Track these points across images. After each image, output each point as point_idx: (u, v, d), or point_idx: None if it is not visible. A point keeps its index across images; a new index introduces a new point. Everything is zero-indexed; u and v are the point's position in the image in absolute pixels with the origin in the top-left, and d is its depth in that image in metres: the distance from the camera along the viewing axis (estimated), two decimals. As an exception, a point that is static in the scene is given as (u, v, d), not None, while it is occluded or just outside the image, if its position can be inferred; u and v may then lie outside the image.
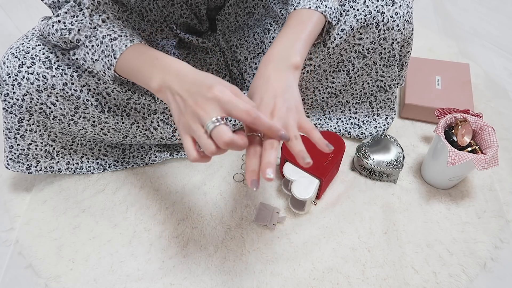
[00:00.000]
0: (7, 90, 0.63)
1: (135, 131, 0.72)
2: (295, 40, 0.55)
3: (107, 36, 0.56)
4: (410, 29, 0.67)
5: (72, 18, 0.57)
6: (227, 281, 0.65)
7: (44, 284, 0.66)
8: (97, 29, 0.57)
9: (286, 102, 0.50)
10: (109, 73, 0.57)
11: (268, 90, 0.51)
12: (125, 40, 0.56)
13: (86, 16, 0.57)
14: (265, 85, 0.52)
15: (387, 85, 0.76)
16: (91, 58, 0.58)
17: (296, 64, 0.53)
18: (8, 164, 0.71)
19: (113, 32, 0.57)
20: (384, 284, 0.63)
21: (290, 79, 0.52)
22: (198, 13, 0.81)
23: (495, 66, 1.02)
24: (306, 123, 0.51)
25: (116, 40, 0.56)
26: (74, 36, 0.57)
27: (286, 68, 0.53)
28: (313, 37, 0.57)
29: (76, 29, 0.57)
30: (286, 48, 0.54)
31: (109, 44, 0.56)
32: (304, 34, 0.56)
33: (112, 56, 0.55)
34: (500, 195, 0.74)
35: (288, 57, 0.53)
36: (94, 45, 0.57)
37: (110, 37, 0.56)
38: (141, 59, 0.54)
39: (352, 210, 0.72)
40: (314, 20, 0.57)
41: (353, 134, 0.82)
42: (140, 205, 0.75)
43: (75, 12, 0.57)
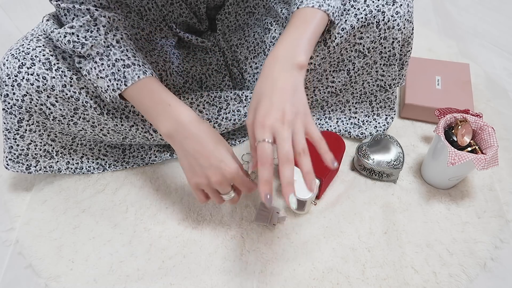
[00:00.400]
0: (7, 91, 0.63)
1: (134, 133, 0.72)
2: (300, 39, 0.54)
3: (120, 60, 0.58)
4: (410, 28, 0.67)
5: (86, 32, 0.57)
6: (227, 281, 0.65)
7: (44, 284, 0.66)
8: (111, 49, 0.58)
9: (294, 107, 0.50)
10: (112, 94, 0.59)
11: (277, 93, 0.50)
12: (138, 70, 0.58)
13: (101, 34, 0.58)
14: (273, 88, 0.51)
15: (387, 84, 0.76)
16: (96, 74, 0.59)
17: (301, 64, 0.53)
18: (7, 165, 0.71)
19: (127, 58, 0.58)
20: (384, 284, 0.63)
21: (297, 80, 0.52)
22: (198, 12, 0.81)
23: (495, 66, 1.02)
24: (314, 131, 0.51)
25: (129, 68, 0.58)
26: (86, 50, 0.58)
27: (292, 68, 0.52)
28: (317, 36, 0.57)
29: (89, 45, 0.57)
30: (291, 48, 0.54)
31: (122, 69, 0.58)
32: (308, 33, 0.55)
33: (123, 83, 0.58)
34: (500, 195, 0.74)
35: (294, 57, 0.53)
36: (105, 64, 0.58)
37: (123, 63, 0.58)
38: (154, 99, 0.58)
39: (352, 210, 0.72)
40: (317, 18, 0.57)
41: (353, 134, 0.82)
42: (140, 205, 0.75)
43: (90, 27, 0.57)
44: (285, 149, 0.48)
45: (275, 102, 0.50)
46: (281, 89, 0.51)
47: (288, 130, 0.49)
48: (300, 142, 0.49)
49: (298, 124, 0.50)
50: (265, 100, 0.51)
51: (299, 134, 0.50)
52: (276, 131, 0.49)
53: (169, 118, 0.57)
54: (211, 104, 0.75)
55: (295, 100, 0.51)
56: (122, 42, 0.59)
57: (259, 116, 0.50)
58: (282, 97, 0.50)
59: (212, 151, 0.57)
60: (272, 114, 0.49)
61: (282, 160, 0.48)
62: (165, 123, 0.57)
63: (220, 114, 0.76)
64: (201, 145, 0.57)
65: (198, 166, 0.58)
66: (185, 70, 0.79)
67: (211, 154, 0.57)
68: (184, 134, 0.57)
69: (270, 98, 0.50)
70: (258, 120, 0.49)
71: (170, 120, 0.57)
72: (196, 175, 0.58)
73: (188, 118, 0.57)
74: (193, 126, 0.57)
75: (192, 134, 0.57)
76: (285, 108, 0.49)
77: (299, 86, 0.52)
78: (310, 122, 0.51)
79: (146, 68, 0.59)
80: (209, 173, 0.57)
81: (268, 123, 0.49)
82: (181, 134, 0.57)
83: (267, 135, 0.49)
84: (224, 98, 0.76)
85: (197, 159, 0.57)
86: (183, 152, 0.58)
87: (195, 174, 0.58)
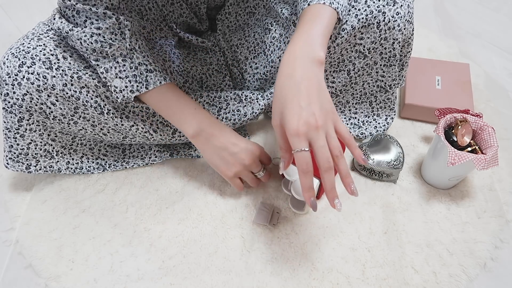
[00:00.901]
0: (7, 90, 0.63)
1: (134, 132, 0.72)
2: (315, 35, 0.54)
3: (143, 64, 0.62)
4: (410, 29, 0.67)
5: (111, 34, 0.59)
6: (227, 281, 0.65)
7: (44, 284, 0.66)
8: (134, 53, 0.61)
9: (323, 108, 0.50)
10: (128, 95, 0.62)
11: (304, 96, 0.50)
12: (159, 76, 0.63)
13: (127, 37, 0.60)
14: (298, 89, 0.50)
15: (387, 85, 0.76)
16: (116, 74, 0.61)
17: (320, 59, 0.52)
18: (7, 164, 0.71)
19: (149, 63, 0.63)
20: (384, 284, 0.63)
21: (319, 76, 0.52)
22: (198, 12, 0.81)
23: (495, 66, 1.02)
24: (343, 127, 0.52)
25: (152, 73, 0.62)
26: (112, 50, 0.60)
27: (312, 64, 0.52)
28: (329, 32, 0.57)
29: (116, 46, 0.59)
30: (308, 43, 0.53)
31: (144, 73, 0.62)
32: (322, 28, 0.55)
33: (144, 86, 0.62)
34: (500, 195, 0.74)
35: (312, 52, 0.52)
36: (127, 66, 0.61)
37: (146, 67, 0.62)
38: (180, 103, 0.64)
39: (352, 210, 0.72)
40: (328, 15, 0.56)
41: (353, 134, 0.82)
42: (140, 205, 0.75)
43: (114, 30, 0.59)
44: (325, 156, 0.49)
45: (304, 106, 0.49)
46: (307, 90, 0.50)
47: (323, 136, 0.49)
48: (336, 147, 0.51)
49: (330, 125, 0.51)
50: (292, 104, 0.50)
51: (334, 138, 0.51)
52: (312, 139, 0.49)
53: (196, 119, 0.65)
54: (211, 104, 0.75)
55: (321, 100, 0.51)
56: (142, 47, 0.63)
57: (291, 124, 0.49)
58: (309, 99, 0.50)
59: (237, 138, 0.67)
60: (304, 121, 0.49)
61: (324, 168, 0.50)
62: (191, 124, 0.64)
63: (220, 114, 0.76)
64: (227, 137, 0.66)
65: (230, 155, 0.66)
66: (185, 70, 0.79)
67: (238, 141, 0.66)
68: (210, 132, 0.65)
69: (298, 102, 0.50)
70: (291, 129, 0.49)
71: (196, 121, 0.65)
72: (231, 165, 0.67)
73: (211, 119, 0.66)
74: (216, 124, 0.66)
75: (217, 130, 0.66)
76: (315, 111, 0.49)
77: (321, 82, 0.52)
78: (338, 120, 0.52)
79: (165, 74, 0.64)
80: (242, 156, 0.66)
81: (302, 131, 0.49)
82: (207, 132, 0.65)
83: (303, 144, 0.49)
84: (224, 98, 0.76)
85: (228, 149, 0.65)
86: (212, 149, 0.66)
87: (230, 164, 0.67)
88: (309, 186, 0.51)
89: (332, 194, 0.51)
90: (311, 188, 0.51)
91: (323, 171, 0.50)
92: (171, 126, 0.74)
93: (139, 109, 0.70)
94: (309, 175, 0.50)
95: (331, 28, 0.57)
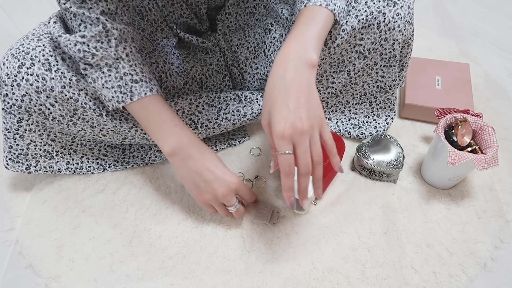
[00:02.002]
0: (6, 91, 0.63)
1: (133, 134, 0.72)
2: (310, 37, 0.54)
3: (128, 74, 0.60)
4: (411, 30, 0.67)
5: (97, 43, 0.58)
6: (227, 281, 0.65)
7: (44, 284, 0.66)
8: (120, 62, 0.59)
9: (311, 112, 0.51)
10: (115, 105, 0.61)
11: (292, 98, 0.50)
12: (145, 86, 0.60)
13: (112, 46, 0.59)
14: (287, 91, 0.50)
15: (387, 85, 0.76)
16: (102, 84, 0.60)
17: (313, 63, 0.53)
18: (7, 164, 0.71)
19: (135, 73, 0.60)
20: (384, 284, 0.63)
21: (310, 80, 0.52)
22: (198, 12, 0.81)
23: (495, 66, 1.02)
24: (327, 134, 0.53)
25: (137, 84, 0.60)
26: (96, 61, 0.59)
27: (304, 67, 0.52)
28: (325, 34, 0.57)
29: (99, 56, 0.58)
30: (302, 45, 0.53)
31: (129, 84, 0.60)
32: (318, 30, 0.55)
33: (128, 97, 0.60)
34: (500, 195, 0.74)
35: (305, 55, 0.52)
36: (113, 76, 0.59)
37: (131, 77, 0.60)
38: (160, 118, 0.61)
39: (352, 210, 0.72)
40: (324, 17, 0.56)
41: (353, 134, 0.82)
42: (140, 205, 0.75)
43: (101, 38, 0.58)
44: (305, 161, 0.51)
45: (292, 109, 0.50)
46: (297, 93, 0.50)
47: (306, 141, 0.50)
48: (317, 153, 0.52)
49: (315, 131, 0.51)
50: (281, 106, 0.50)
51: (317, 144, 0.52)
52: (296, 143, 0.50)
53: (174, 137, 0.61)
54: (211, 105, 0.75)
55: (310, 103, 0.51)
56: (131, 55, 0.61)
57: (277, 126, 0.50)
58: (298, 102, 0.50)
59: (215, 165, 0.62)
60: (290, 124, 0.49)
61: (303, 172, 0.52)
62: (169, 141, 0.61)
63: (219, 114, 0.76)
64: (205, 162, 0.62)
65: (204, 182, 0.62)
66: (185, 71, 0.79)
67: (214, 168, 0.62)
68: (188, 153, 0.61)
69: (287, 104, 0.50)
70: (277, 131, 0.50)
71: (175, 139, 0.61)
72: (203, 192, 0.63)
73: (192, 139, 0.62)
74: (196, 146, 0.62)
75: (195, 152, 0.62)
76: (302, 115, 0.50)
77: (312, 86, 0.52)
78: (324, 125, 0.53)
79: (152, 85, 0.61)
80: (215, 186, 0.62)
81: (287, 134, 0.49)
82: (185, 152, 0.61)
83: (288, 146, 0.50)
84: (223, 99, 0.76)
85: (202, 175, 0.62)
86: (186, 171, 0.62)
87: (201, 191, 0.63)
88: (290, 187, 0.53)
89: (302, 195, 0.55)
90: (291, 188, 0.53)
91: (300, 174, 0.52)
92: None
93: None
94: (291, 177, 0.52)
95: (327, 30, 0.57)
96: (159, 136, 0.61)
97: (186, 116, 0.74)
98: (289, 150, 0.50)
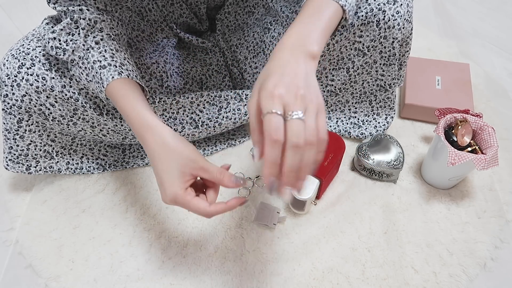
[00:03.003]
0: (6, 91, 0.63)
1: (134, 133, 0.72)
2: (312, 29, 0.49)
3: (97, 62, 0.57)
4: (409, 28, 0.67)
5: (67, 36, 0.57)
6: (227, 281, 0.65)
7: (44, 284, 0.66)
8: (89, 52, 0.57)
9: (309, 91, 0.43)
10: (102, 96, 0.58)
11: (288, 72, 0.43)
12: (113, 70, 0.56)
13: (81, 36, 0.57)
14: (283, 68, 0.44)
15: (387, 84, 0.76)
16: (85, 78, 0.59)
17: (314, 53, 0.47)
18: (7, 165, 0.71)
19: (104, 59, 0.57)
20: (384, 284, 0.63)
21: (308, 67, 0.46)
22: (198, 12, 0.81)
23: (495, 66, 1.02)
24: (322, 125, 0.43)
25: (105, 69, 0.56)
26: (68, 56, 0.57)
27: (303, 56, 0.46)
28: (331, 29, 0.51)
29: (70, 50, 0.57)
30: (302, 36, 0.48)
31: (98, 71, 0.56)
32: (322, 23, 0.50)
33: (101, 85, 0.56)
34: (500, 195, 0.74)
35: (305, 45, 0.47)
36: (87, 67, 0.57)
37: (100, 64, 0.56)
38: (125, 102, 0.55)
39: (352, 210, 0.72)
40: (332, 10, 0.51)
41: (353, 134, 0.82)
42: (140, 205, 0.75)
43: (71, 29, 0.57)
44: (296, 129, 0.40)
45: (286, 76, 0.43)
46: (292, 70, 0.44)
47: (300, 107, 0.41)
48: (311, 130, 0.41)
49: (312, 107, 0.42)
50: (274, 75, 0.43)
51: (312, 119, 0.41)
52: (287, 106, 0.41)
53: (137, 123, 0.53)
54: (211, 104, 0.75)
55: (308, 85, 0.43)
56: (102, 43, 0.58)
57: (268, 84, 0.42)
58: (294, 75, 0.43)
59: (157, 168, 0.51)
60: (284, 84, 0.42)
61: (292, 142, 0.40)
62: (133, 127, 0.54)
63: (220, 113, 0.76)
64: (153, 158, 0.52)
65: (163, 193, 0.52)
66: (186, 71, 0.79)
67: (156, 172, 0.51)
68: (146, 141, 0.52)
69: (281, 74, 0.43)
70: (267, 89, 0.42)
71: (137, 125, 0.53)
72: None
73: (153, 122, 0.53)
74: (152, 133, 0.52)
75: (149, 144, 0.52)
76: (299, 83, 0.42)
77: (310, 74, 0.45)
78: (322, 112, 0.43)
79: (123, 69, 0.57)
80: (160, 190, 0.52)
81: (277, 93, 0.41)
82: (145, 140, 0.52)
83: (277, 106, 0.40)
84: (224, 97, 0.76)
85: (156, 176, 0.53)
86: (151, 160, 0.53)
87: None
88: (274, 159, 0.41)
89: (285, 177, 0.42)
90: (275, 163, 0.41)
91: (289, 146, 0.40)
92: (171, 126, 0.74)
93: None
94: (277, 145, 0.40)
95: (333, 25, 0.52)
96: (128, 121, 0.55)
97: (187, 115, 0.74)
98: (278, 110, 0.40)
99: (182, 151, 0.50)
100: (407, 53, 0.71)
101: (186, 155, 0.50)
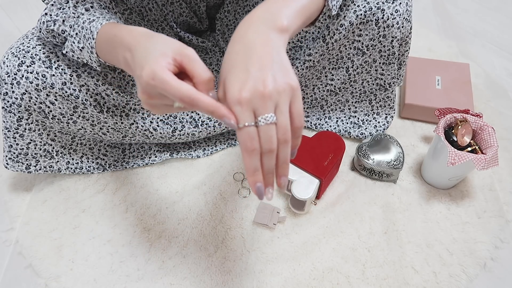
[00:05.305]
0: (6, 89, 0.63)
1: (134, 131, 0.72)
2: (283, 6, 0.45)
3: (87, 20, 0.55)
4: (408, 27, 0.67)
5: (58, 10, 0.57)
6: (227, 281, 0.65)
7: (44, 284, 0.66)
8: (80, 18, 0.56)
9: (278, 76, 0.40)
10: (94, 58, 0.55)
11: (254, 60, 0.41)
12: (102, 19, 0.53)
13: (71, 6, 0.57)
14: (248, 52, 0.41)
15: (386, 83, 0.76)
16: (77, 47, 0.56)
17: (281, 27, 0.43)
18: (7, 164, 0.71)
19: (93, 16, 0.55)
20: (384, 284, 0.63)
21: (277, 43, 0.42)
22: (198, 10, 0.81)
23: (495, 66, 1.02)
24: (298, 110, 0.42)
25: (94, 22, 0.53)
26: (59, 26, 0.57)
27: (269, 30, 0.43)
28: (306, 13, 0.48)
29: (60, 20, 0.57)
30: (272, 10, 0.45)
31: (88, 26, 0.53)
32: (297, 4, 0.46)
33: (91, 37, 0.52)
34: (500, 195, 0.74)
35: (273, 20, 0.44)
36: (78, 32, 0.55)
37: (89, 20, 0.54)
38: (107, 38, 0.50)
39: (352, 210, 0.72)
40: None
41: (353, 134, 0.82)
42: (140, 205, 0.75)
43: (61, 4, 0.57)
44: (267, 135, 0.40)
45: (252, 72, 0.40)
46: (260, 54, 0.41)
47: (270, 107, 0.39)
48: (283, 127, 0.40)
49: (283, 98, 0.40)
50: (239, 69, 0.40)
51: (284, 115, 0.40)
52: (256, 110, 0.40)
53: (120, 48, 0.47)
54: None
55: (277, 66, 0.41)
56: (92, 10, 0.56)
57: (232, 88, 0.40)
58: (261, 64, 0.40)
59: (136, 56, 0.44)
60: (249, 86, 0.39)
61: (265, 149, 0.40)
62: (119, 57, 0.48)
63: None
64: (134, 49, 0.45)
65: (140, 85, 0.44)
66: (185, 70, 0.79)
67: (134, 62, 0.45)
68: (126, 55, 0.46)
69: (246, 67, 0.40)
70: (232, 95, 0.39)
71: (121, 49, 0.47)
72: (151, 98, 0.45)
73: (134, 32, 0.47)
74: (131, 38, 0.46)
75: (132, 47, 0.45)
76: (266, 78, 0.39)
77: (280, 51, 0.42)
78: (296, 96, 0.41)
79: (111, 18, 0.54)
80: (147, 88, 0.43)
81: (245, 98, 0.39)
82: (129, 57, 0.46)
83: (247, 115, 0.39)
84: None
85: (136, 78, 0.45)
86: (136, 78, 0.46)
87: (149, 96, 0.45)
88: (254, 167, 0.40)
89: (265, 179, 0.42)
90: (257, 170, 0.41)
91: (263, 152, 0.40)
92: (171, 124, 0.74)
93: (140, 106, 0.70)
94: (255, 153, 0.40)
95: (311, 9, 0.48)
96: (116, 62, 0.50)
97: (187, 114, 0.74)
98: (251, 122, 0.39)
99: (168, 39, 0.44)
100: (407, 52, 0.71)
101: (171, 40, 0.44)
